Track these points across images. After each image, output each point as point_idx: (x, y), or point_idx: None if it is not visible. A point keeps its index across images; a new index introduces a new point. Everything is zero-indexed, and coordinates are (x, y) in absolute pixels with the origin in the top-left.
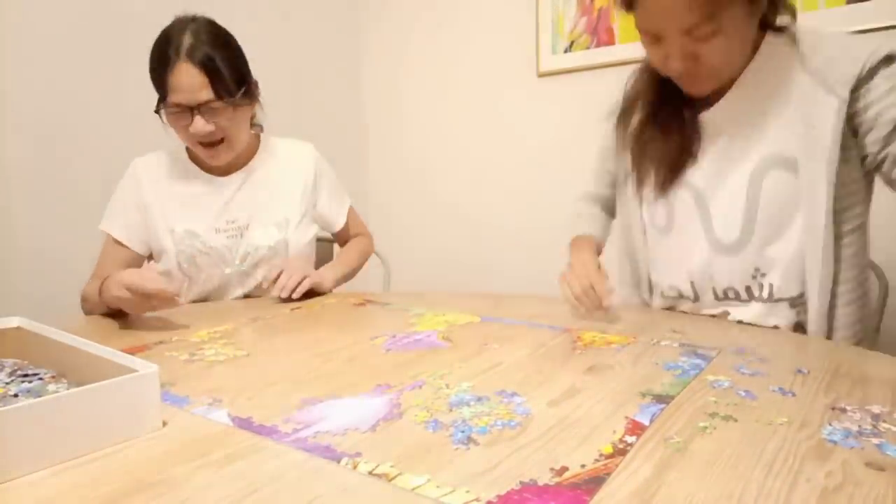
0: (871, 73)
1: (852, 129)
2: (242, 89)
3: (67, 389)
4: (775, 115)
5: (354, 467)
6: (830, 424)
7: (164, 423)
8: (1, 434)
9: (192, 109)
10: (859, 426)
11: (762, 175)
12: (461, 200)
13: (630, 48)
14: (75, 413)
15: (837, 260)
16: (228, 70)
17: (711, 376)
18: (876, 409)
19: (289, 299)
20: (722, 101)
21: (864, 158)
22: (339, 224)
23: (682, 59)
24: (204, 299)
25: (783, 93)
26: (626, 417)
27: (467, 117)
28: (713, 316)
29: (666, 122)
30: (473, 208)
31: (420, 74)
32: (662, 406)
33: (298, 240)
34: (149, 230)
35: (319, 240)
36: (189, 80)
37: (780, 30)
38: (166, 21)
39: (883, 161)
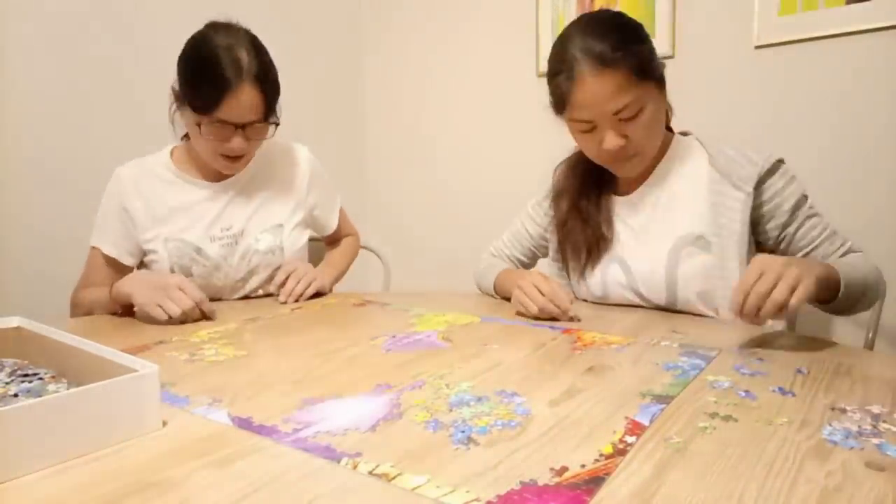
0: (769, 173)
1: (754, 219)
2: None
3: (67, 389)
4: (688, 200)
5: (354, 467)
6: (830, 424)
7: (164, 423)
8: (1, 434)
9: (237, 127)
10: (859, 426)
11: (678, 251)
12: (461, 200)
13: None
14: (75, 413)
15: None
16: (275, 94)
17: (711, 376)
18: (876, 409)
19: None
20: (641, 188)
21: (760, 243)
22: (331, 228)
23: (614, 140)
24: None
25: (694, 183)
26: (626, 417)
27: (467, 117)
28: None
29: (585, 212)
30: (473, 208)
31: (420, 74)
32: (662, 406)
33: (293, 245)
34: (137, 240)
35: (311, 240)
36: (249, 102)
37: (684, 134)
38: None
39: (780, 241)
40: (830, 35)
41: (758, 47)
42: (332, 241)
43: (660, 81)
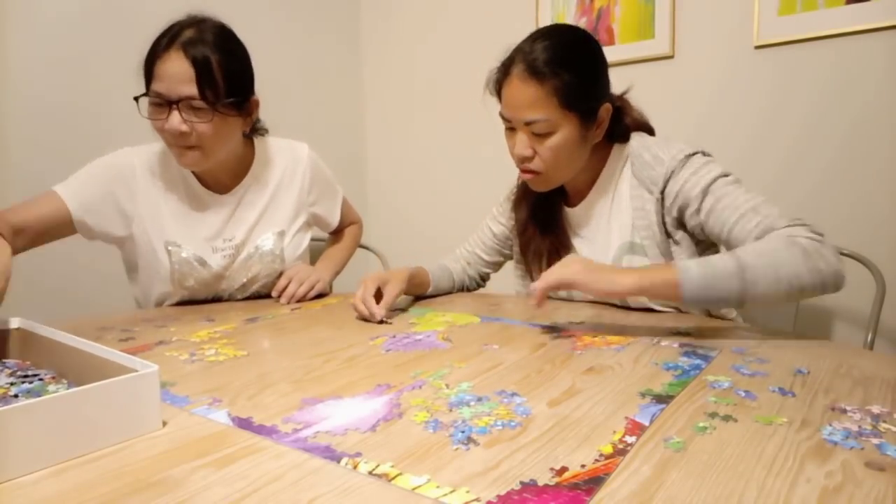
0: (675, 170)
1: (678, 216)
2: (233, 99)
3: (67, 389)
4: (618, 211)
5: (354, 467)
6: (830, 424)
7: (164, 423)
8: (1, 434)
9: (171, 104)
10: (859, 426)
11: (619, 261)
12: (461, 200)
13: (630, 48)
14: (75, 413)
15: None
16: (222, 74)
17: (711, 376)
18: (876, 409)
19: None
20: (583, 202)
21: (693, 234)
22: (334, 224)
23: (523, 147)
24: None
25: (620, 193)
26: (626, 417)
27: (467, 117)
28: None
29: (543, 222)
30: (474, 208)
31: (419, 73)
32: (662, 406)
33: (294, 251)
34: (115, 225)
35: (314, 239)
36: (175, 70)
37: (626, 139)
38: (173, 21)
39: (701, 228)
40: (830, 35)
41: (758, 47)
42: (336, 231)
43: (586, 117)
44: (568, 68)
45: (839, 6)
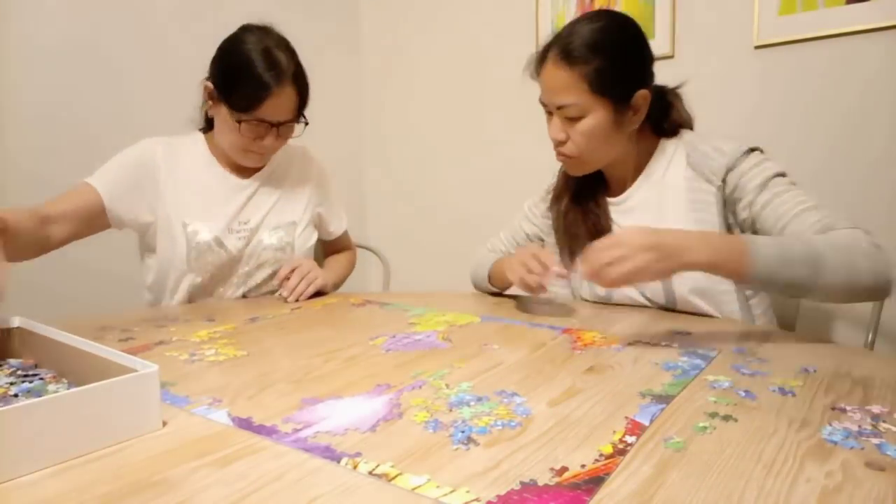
0: (737, 162)
1: (731, 209)
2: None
3: (67, 389)
4: (671, 201)
5: (354, 467)
6: (830, 424)
7: (164, 423)
8: (1, 434)
9: (272, 126)
10: (859, 426)
11: None
12: (461, 200)
13: None
14: (75, 413)
15: (750, 318)
16: (308, 92)
17: (711, 376)
18: (876, 409)
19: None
20: (629, 190)
21: (742, 228)
22: (334, 232)
23: (556, 131)
24: (200, 291)
25: (674, 184)
26: (626, 417)
27: (467, 116)
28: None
29: (585, 206)
30: (473, 208)
31: (419, 73)
32: (662, 406)
33: (303, 244)
34: (142, 212)
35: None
36: (288, 102)
37: (675, 134)
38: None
39: (751, 221)
40: (830, 35)
41: (757, 47)
42: (333, 251)
43: (619, 102)
44: (601, 53)
45: (839, 6)
